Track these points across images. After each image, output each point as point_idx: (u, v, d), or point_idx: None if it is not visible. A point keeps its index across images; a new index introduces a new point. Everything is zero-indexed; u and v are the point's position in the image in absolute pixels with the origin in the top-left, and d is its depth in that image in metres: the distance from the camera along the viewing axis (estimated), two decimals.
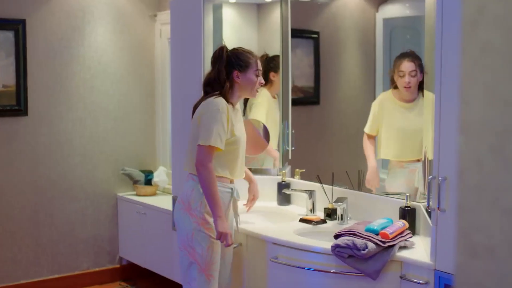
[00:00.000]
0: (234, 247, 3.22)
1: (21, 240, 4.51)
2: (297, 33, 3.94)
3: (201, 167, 2.91)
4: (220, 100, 2.98)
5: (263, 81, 3.14)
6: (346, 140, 3.80)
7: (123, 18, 4.85)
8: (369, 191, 3.43)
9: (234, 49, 3.16)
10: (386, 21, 3.53)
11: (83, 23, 4.66)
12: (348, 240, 2.75)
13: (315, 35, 3.98)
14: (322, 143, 3.93)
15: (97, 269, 4.86)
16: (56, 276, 4.67)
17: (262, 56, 3.75)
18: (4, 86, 4.36)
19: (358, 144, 3.54)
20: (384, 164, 3.52)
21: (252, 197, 3.41)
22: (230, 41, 3.96)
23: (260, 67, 3.12)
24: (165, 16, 4.78)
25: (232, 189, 3.09)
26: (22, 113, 4.44)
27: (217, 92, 3.04)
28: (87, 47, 4.70)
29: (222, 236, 2.88)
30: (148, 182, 4.86)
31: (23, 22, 4.39)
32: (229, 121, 2.98)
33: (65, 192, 4.67)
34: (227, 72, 3.06)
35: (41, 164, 4.57)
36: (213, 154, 2.93)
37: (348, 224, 3.20)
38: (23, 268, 4.53)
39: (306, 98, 4.04)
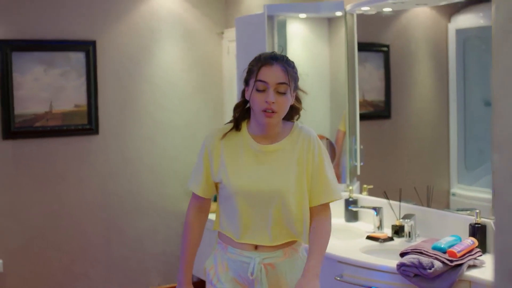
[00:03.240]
0: None
1: (92, 256, 4.59)
2: (366, 47, 3.86)
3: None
4: (216, 129, 2.33)
5: (270, 99, 2.16)
6: (417, 154, 3.67)
7: (191, 36, 4.88)
8: (438, 207, 3.30)
9: None
10: (459, 32, 3.39)
11: (151, 42, 4.72)
12: (414, 258, 2.65)
13: (385, 48, 3.88)
14: (393, 158, 3.82)
15: (168, 285, 4.87)
16: None
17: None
18: (76, 105, 4.46)
19: (429, 158, 3.41)
20: (460, 178, 3.38)
21: None
22: (301, 57, 3.93)
23: (265, 76, 2.19)
24: (232, 33, 4.77)
25: (251, 259, 2.28)
26: (93, 132, 4.53)
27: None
28: (156, 66, 4.75)
29: None
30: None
31: (93, 43, 4.49)
32: (211, 159, 2.28)
33: (135, 209, 4.72)
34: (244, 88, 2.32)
35: (112, 182, 4.64)
36: (197, 198, 2.37)
37: (416, 242, 3.09)
38: (95, 284, 4.60)
39: (376, 112, 3.94)
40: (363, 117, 3.83)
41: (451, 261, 2.63)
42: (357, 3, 3.62)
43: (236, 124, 2.31)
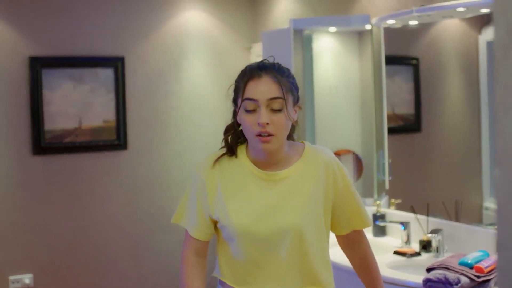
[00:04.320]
0: None
1: (121, 271, 4.59)
2: (395, 60, 3.82)
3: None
4: (210, 156, 1.93)
5: (263, 119, 1.76)
6: (448, 168, 3.61)
7: (219, 51, 4.89)
8: (470, 222, 3.23)
9: None
10: (490, 44, 3.34)
11: (179, 58, 4.74)
12: (440, 274, 2.60)
13: (415, 61, 3.83)
14: (422, 172, 3.75)
15: None
16: None
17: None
18: (104, 121, 4.49)
19: (461, 172, 3.35)
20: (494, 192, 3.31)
21: None
22: (329, 70, 3.91)
23: (253, 92, 1.79)
24: (259, 48, 4.77)
25: None
26: (121, 147, 4.56)
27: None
28: (184, 81, 4.77)
29: None
30: None
31: (122, 60, 4.53)
32: (205, 193, 1.88)
33: (164, 224, 4.72)
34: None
35: (141, 197, 4.65)
36: (194, 241, 1.94)
37: (443, 257, 3.03)
38: None
39: (406, 126, 3.89)
40: (392, 131, 3.78)
41: (478, 276, 2.58)
42: (383, 17, 3.59)
43: (230, 149, 1.89)
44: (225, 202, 1.85)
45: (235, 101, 1.88)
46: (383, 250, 3.40)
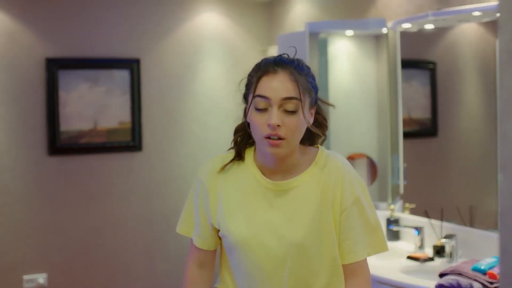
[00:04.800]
0: None
1: (135, 272, 4.61)
2: (412, 64, 3.80)
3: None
4: (214, 159, 1.79)
5: (274, 121, 1.58)
6: (464, 173, 3.58)
7: (234, 53, 4.89)
8: (486, 227, 3.19)
9: None
10: None
11: (195, 60, 4.75)
12: (452, 280, 2.58)
13: (432, 65, 3.81)
14: (438, 177, 3.72)
15: None
16: None
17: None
18: (120, 123, 4.51)
19: (477, 177, 3.31)
20: None
21: None
22: (345, 74, 3.89)
23: (265, 89, 1.60)
24: (275, 51, 4.77)
25: None
26: (136, 148, 4.57)
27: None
28: (199, 84, 4.77)
29: None
30: None
31: (137, 61, 4.55)
32: (207, 200, 1.74)
33: None
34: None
35: (155, 198, 4.66)
36: (198, 251, 1.80)
37: (457, 263, 3.01)
38: None
39: (422, 130, 3.86)
40: (408, 135, 3.76)
41: (491, 283, 2.54)
42: (398, 20, 3.57)
43: (238, 152, 1.73)
44: (224, 212, 1.68)
45: (246, 97, 1.69)
46: (397, 254, 3.38)
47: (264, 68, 1.63)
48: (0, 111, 4.25)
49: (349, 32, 3.85)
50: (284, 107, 1.59)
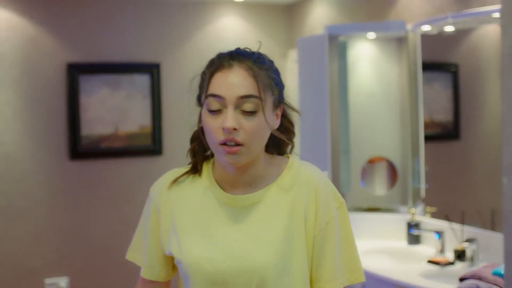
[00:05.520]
0: None
1: None
2: (434, 66, 3.76)
3: None
4: (167, 174, 1.54)
5: (228, 123, 1.34)
6: (486, 176, 3.52)
7: None
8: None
9: None
10: None
11: None
12: (472, 284, 2.54)
13: (454, 68, 3.76)
14: (460, 180, 3.68)
15: None
16: None
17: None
18: (140, 127, 4.54)
19: (498, 181, 3.26)
20: None
21: None
22: (367, 76, 3.86)
23: (218, 87, 1.38)
24: (295, 54, 4.75)
25: None
26: (157, 152, 4.59)
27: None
28: None
29: None
30: None
31: (158, 66, 4.57)
32: (157, 223, 1.49)
33: None
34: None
35: None
36: (146, 283, 1.54)
37: (478, 267, 2.96)
38: None
39: (444, 133, 3.82)
40: (430, 138, 3.72)
41: None
42: (418, 22, 3.54)
43: (194, 165, 1.49)
44: (178, 233, 1.43)
45: (199, 99, 1.47)
46: (417, 259, 3.36)
47: (217, 62, 1.41)
48: (23, 116, 4.30)
49: (371, 35, 3.82)
50: (241, 108, 1.36)
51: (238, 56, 1.40)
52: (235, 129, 1.34)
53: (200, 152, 1.50)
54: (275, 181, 1.44)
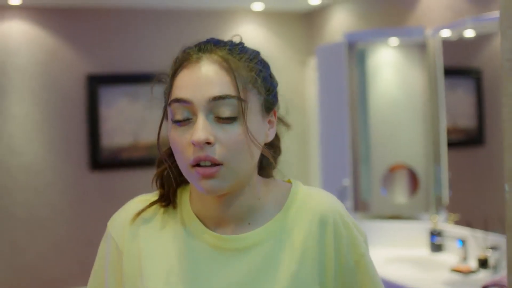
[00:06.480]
0: None
1: None
2: (456, 72, 3.71)
3: None
4: (130, 203, 1.18)
5: (198, 135, 0.95)
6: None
7: (273, 65, 4.83)
8: None
9: None
10: None
11: None
12: None
13: (477, 73, 3.71)
14: (484, 187, 3.61)
15: None
16: None
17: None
18: (160, 137, 4.53)
19: None
20: None
21: None
22: (389, 83, 3.81)
23: (184, 88, 1.01)
24: (314, 62, 4.73)
25: None
26: None
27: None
28: None
29: None
30: None
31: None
32: (118, 268, 1.08)
33: None
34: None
35: None
36: None
37: (501, 275, 2.90)
38: None
39: (468, 139, 3.76)
40: (454, 144, 3.67)
41: None
42: (437, 27, 3.49)
43: (165, 194, 1.14)
44: (148, 280, 1.03)
45: (165, 108, 1.08)
46: (440, 267, 3.31)
47: (182, 57, 1.05)
48: (43, 127, 4.33)
49: (392, 41, 3.78)
50: (216, 113, 0.98)
51: (208, 46, 1.04)
52: (208, 142, 0.96)
53: (170, 180, 1.12)
54: (277, 215, 1.06)
